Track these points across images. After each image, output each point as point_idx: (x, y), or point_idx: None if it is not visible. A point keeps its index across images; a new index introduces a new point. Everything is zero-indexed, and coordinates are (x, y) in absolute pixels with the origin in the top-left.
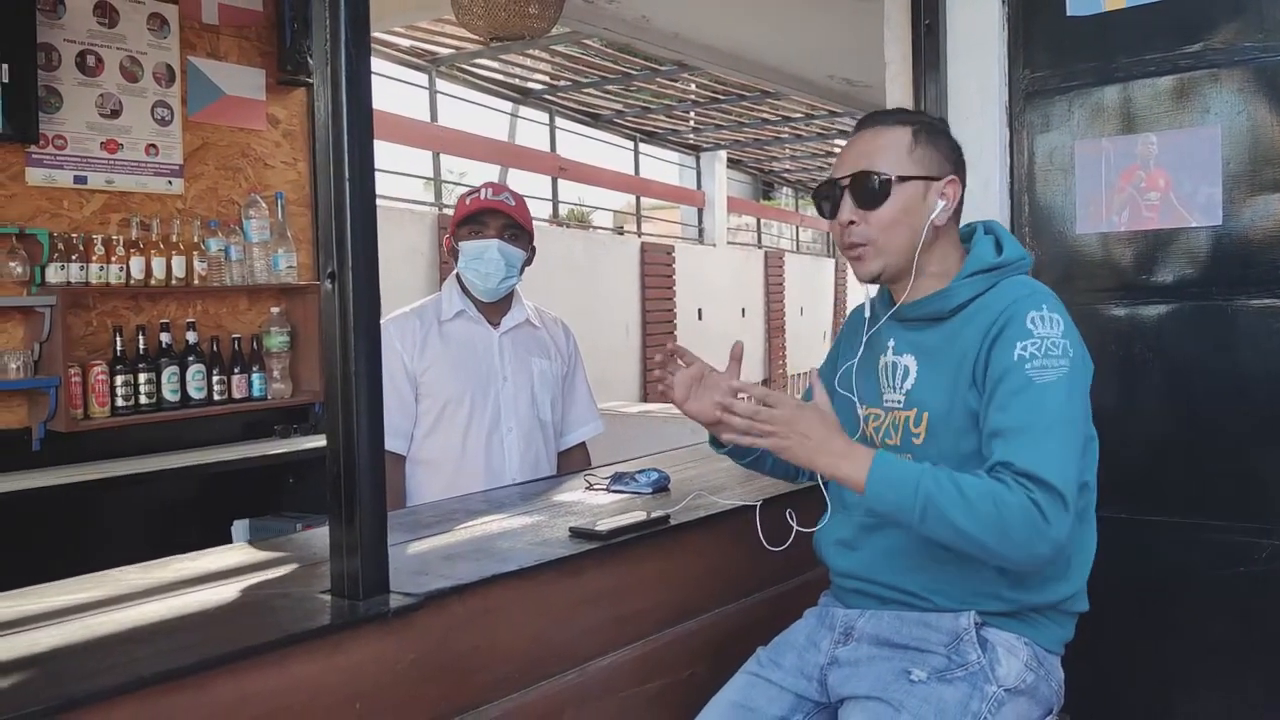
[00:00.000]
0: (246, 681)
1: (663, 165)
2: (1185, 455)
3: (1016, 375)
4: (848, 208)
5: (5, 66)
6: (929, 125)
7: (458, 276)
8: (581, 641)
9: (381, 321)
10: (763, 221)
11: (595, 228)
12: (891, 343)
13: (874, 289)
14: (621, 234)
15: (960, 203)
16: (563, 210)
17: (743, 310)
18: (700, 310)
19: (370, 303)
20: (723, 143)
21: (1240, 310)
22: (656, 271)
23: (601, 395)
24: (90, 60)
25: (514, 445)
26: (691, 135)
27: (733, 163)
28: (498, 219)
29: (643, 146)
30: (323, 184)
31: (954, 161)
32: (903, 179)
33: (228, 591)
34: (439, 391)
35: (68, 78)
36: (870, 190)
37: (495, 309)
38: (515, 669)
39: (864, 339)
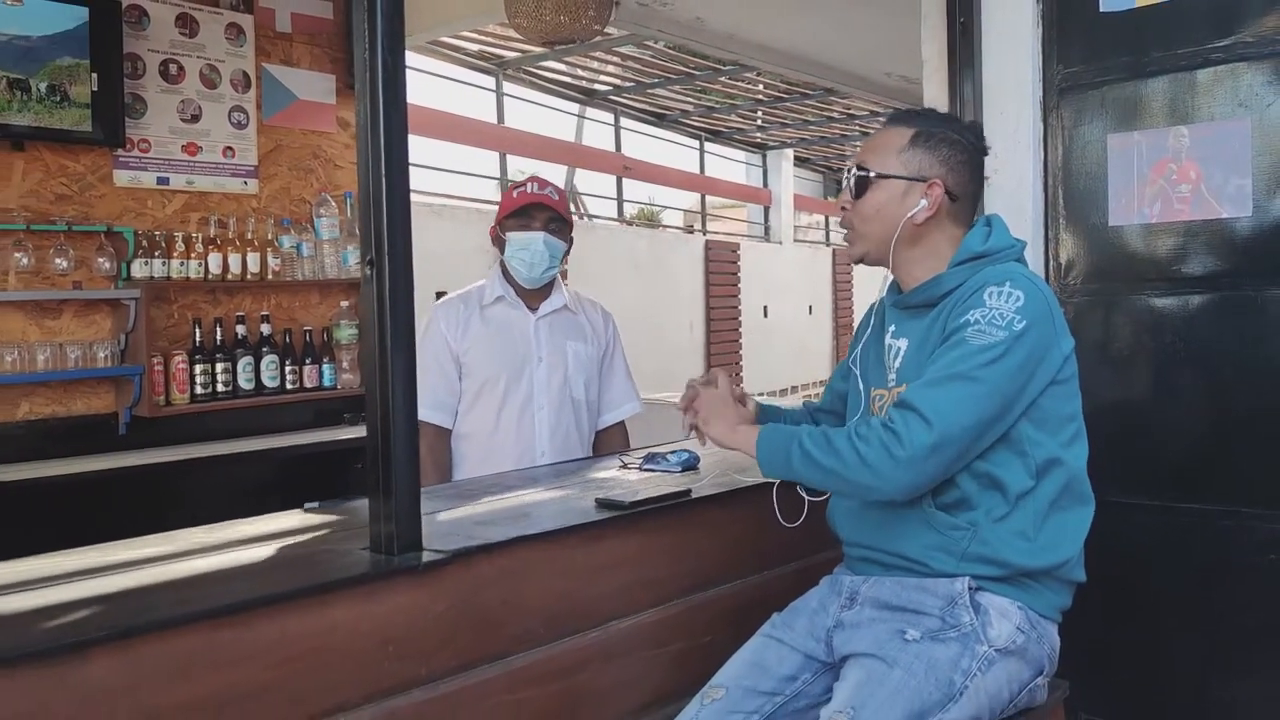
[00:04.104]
0: (287, 622)
1: (729, 164)
2: (1217, 444)
3: (956, 336)
4: (845, 194)
5: (95, 75)
6: (931, 131)
7: (502, 264)
8: (604, 602)
9: (434, 306)
10: (831, 219)
11: (665, 227)
12: (892, 328)
13: (886, 281)
14: (691, 233)
15: (961, 201)
16: (630, 210)
17: (810, 308)
18: (766, 308)
19: (405, 288)
20: (789, 141)
21: (1271, 301)
22: (721, 269)
23: (663, 389)
24: (172, 69)
25: (544, 422)
26: (758, 134)
27: (800, 161)
28: (543, 213)
29: (708, 145)
30: (361, 178)
31: (949, 165)
32: (882, 177)
33: (278, 548)
34: (478, 371)
35: (151, 85)
36: (856, 183)
37: (536, 295)
38: (541, 624)
39: (879, 323)
